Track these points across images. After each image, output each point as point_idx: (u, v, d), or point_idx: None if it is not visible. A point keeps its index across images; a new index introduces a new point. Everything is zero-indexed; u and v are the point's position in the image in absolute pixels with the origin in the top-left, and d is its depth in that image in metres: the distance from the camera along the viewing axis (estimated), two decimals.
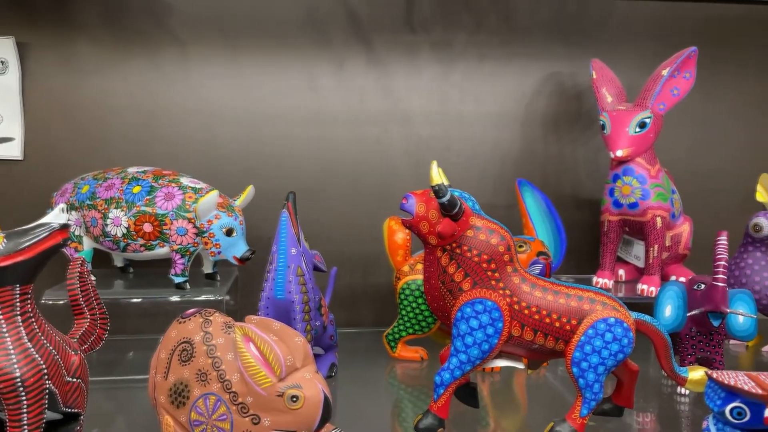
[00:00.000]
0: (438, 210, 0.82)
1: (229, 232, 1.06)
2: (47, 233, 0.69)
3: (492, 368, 1.11)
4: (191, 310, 0.80)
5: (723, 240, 0.94)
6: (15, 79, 1.22)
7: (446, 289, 0.84)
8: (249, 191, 1.12)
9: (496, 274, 0.82)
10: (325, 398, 0.72)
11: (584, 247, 1.38)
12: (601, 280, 1.23)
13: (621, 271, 1.29)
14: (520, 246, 1.11)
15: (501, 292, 0.82)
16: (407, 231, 1.14)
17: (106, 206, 1.06)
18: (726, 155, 1.47)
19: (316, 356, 1.06)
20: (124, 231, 1.06)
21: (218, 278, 1.14)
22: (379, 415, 0.97)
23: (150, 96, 1.28)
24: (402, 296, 1.15)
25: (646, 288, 1.18)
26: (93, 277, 0.85)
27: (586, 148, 1.42)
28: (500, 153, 1.40)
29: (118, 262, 1.21)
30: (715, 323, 0.93)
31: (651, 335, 0.84)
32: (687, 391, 1.00)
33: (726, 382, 0.64)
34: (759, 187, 1.19)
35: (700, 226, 1.29)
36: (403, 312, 1.15)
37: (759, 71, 1.47)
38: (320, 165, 1.34)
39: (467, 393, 0.91)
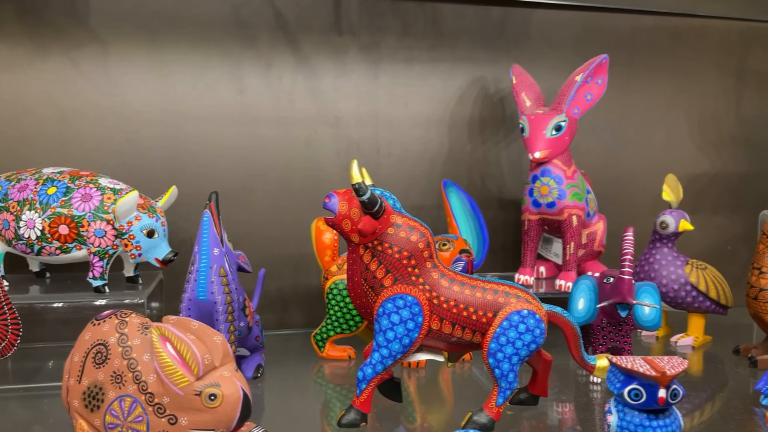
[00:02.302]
0: (360, 208, 0.83)
1: (150, 234, 1.04)
2: None
3: (417, 363, 1.13)
4: (106, 312, 0.78)
5: (629, 235, 1.00)
6: None
7: (368, 286, 0.86)
8: (171, 192, 1.10)
9: (416, 270, 0.85)
10: (245, 396, 0.72)
11: (508, 246, 1.43)
12: (523, 277, 1.28)
13: (542, 268, 1.34)
14: (444, 244, 1.14)
15: (421, 287, 0.85)
16: (335, 231, 1.15)
17: (19, 208, 1.02)
18: (639, 158, 1.55)
19: (242, 357, 1.06)
20: (38, 233, 1.02)
21: (140, 282, 1.11)
22: (306, 414, 0.97)
23: (67, 94, 1.24)
24: (330, 296, 1.16)
25: (564, 283, 1.23)
26: (6, 283, 0.82)
27: (509, 150, 1.47)
28: (428, 155, 1.44)
29: (34, 267, 1.16)
30: (623, 314, 0.99)
31: (561, 326, 0.88)
32: (599, 380, 1.05)
33: (624, 365, 0.68)
34: (665, 187, 1.27)
35: (614, 225, 1.37)
36: (331, 311, 1.16)
37: (669, 78, 1.57)
38: (248, 166, 1.33)
39: (391, 388, 0.93)
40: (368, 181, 1.06)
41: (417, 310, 0.84)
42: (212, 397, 0.70)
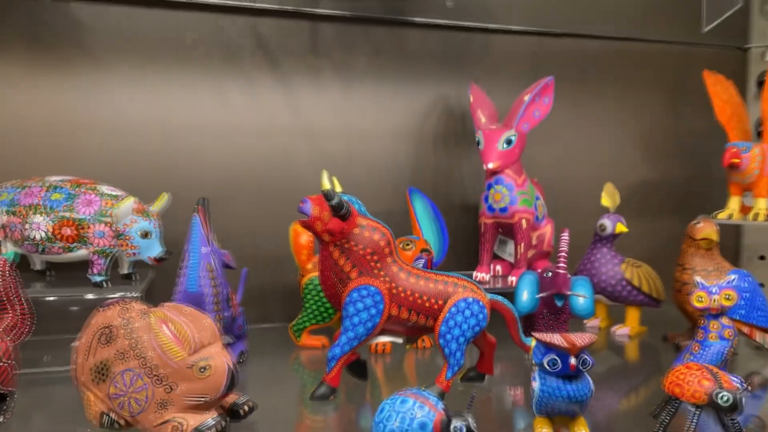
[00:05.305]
0: (330, 211, 0.97)
1: (144, 235, 1.17)
2: None
3: (384, 349, 1.27)
4: (111, 300, 0.91)
5: (565, 236, 1.16)
6: None
7: (337, 279, 1.00)
8: (165, 198, 1.23)
9: (378, 264, 0.99)
10: (231, 369, 0.85)
11: (468, 247, 1.58)
12: (480, 274, 1.43)
13: (498, 267, 1.49)
14: (407, 244, 1.29)
15: (382, 279, 0.99)
16: (310, 233, 1.29)
17: (26, 212, 1.15)
18: (587, 168, 1.71)
19: (227, 345, 1.18)
20: (43, 235, 1.14)
21: (135, 278, 1.24)
22: (285, 396, 1.09)
23: (68, 110, 1.36)
24: (306, 291, 1.29)
25: (515, 279, 1.38)
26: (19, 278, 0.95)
27: (469, 162, 1.62)
28: (396, 165, 1.58)
29: (38, 266, 1.28)
30: (559, 303, 1.14)
31: (502, 311, 1.03)
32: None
33: (544, 339, 0.83)
34: (603, 194, 1.43)
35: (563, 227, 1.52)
36: (307, 305, 1.29)
37: (615, 96, 1.74)
38: (231, 175, 1.46)
39: (357, 368, 1.07)
40: (338, 188, 1.20)
41: (379, 298, 0.98)
42: (203, 369, 0.83)
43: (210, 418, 0.84)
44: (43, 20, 1.35)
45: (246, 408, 0.90)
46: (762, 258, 1.83)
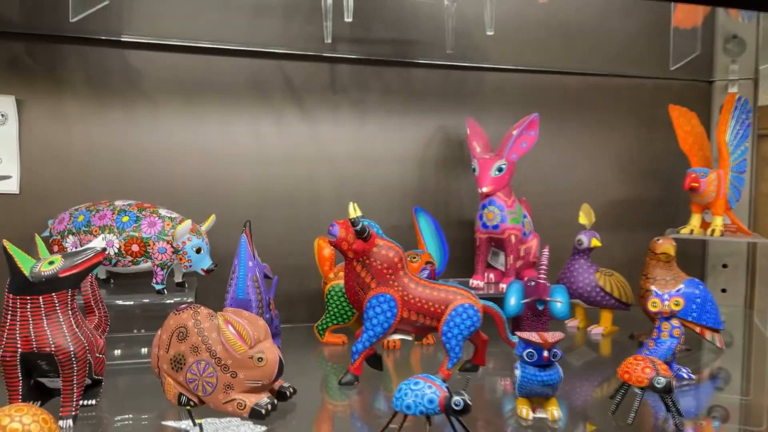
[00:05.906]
0: (354, 234, 1.22)
1: (198, 251, 1.41)
2: (93, 254, 1.03)
3: (394, 345, 1.52)
4: (183, 305, 1.15)
5: (545, 252, 1.40)
6: (14, 128, 1.51)
7: (359, 288, 1.24)
8: (212, 219, 1.47)
9: (392, 277, 1.23)
10: (280, 359, 1.09)
11: (464, 257, 1.82)
12: (475, 282, 1.67)
13: (491, 275, 1.73)
14: (414, 257, 1.53)
15: (396, 288, 1.23)
16: (332, 248, 1.53)
17: (100, 232, 1.39)
18: (569, 188, 1.95)
19: None
20: (116, 250, 1.38)
21: (186, 286, 1.48)
22: (310, 382, 1.33)
23: (124, 141, 1.60)
24: (329, 296, 1.53)
25: (505, 286, 1.62)
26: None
27: (466, 183, 1.86)
28: (403, 187, 1.82)
29: (101, 275, 1.51)
30: (540, 307, 1.39)
31: (492, 314, 1.28)
32: None
33: (524, 337, 1.07)
34: (581, 213, 1.67)
35: (546, 241, 1.76)
36: (330, 308, 1.53)
37: (594, 124, 1.98)
38: (262, 197, 1.69)
39: (374, 360, 1.31)
40: (359, 213, 1.45)
41: (393, 304, 1.22)
42: (260, 360, 1.07)
43: (265, 397, 1.08)
44: (106, 66, 1.59)
45: (290, 391, 1.14)
46: (725, 266, 2.07)
